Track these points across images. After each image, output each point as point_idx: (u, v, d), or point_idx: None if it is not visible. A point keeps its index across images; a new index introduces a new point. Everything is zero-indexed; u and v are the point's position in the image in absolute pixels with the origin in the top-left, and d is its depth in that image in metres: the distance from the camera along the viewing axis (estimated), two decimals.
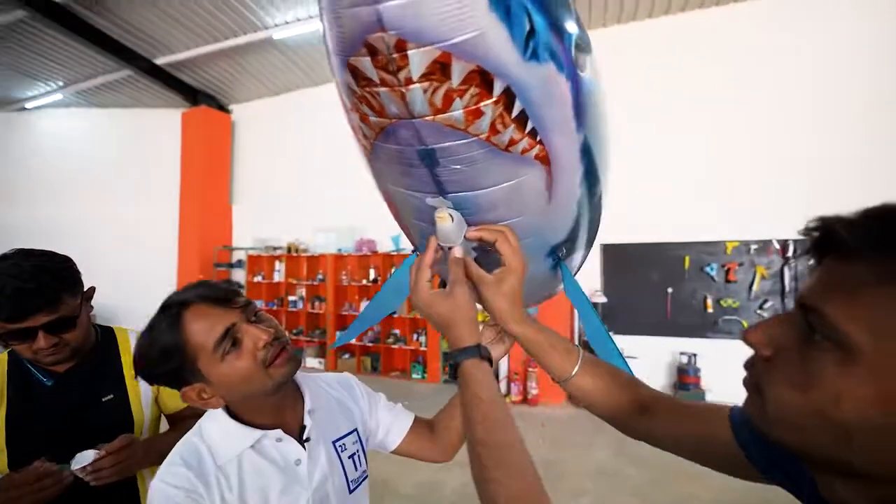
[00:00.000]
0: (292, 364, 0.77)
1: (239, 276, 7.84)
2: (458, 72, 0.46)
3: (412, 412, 1.04)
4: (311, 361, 6.83)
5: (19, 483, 0.84)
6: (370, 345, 6.66)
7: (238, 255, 7.95)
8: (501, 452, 0.53)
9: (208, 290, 0.76)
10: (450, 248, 0.69)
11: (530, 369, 4.99)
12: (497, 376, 5.43)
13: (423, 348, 6.22)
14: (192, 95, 7.65)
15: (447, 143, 0.54)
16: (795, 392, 0.35)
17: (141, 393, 1.09)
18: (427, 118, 0.50)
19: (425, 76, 0.46)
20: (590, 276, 5.56)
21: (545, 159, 0.61)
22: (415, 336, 6.43)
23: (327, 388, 0.93)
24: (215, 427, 0.76)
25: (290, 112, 7.66)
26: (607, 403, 0.72)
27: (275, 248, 7.51)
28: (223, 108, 8.17)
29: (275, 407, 0.79)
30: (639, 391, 0.72)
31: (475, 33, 0.44)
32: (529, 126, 0.56)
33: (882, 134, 4.58)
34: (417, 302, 0.67)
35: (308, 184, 7.46)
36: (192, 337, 0.71)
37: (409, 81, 0.47)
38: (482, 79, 0.48)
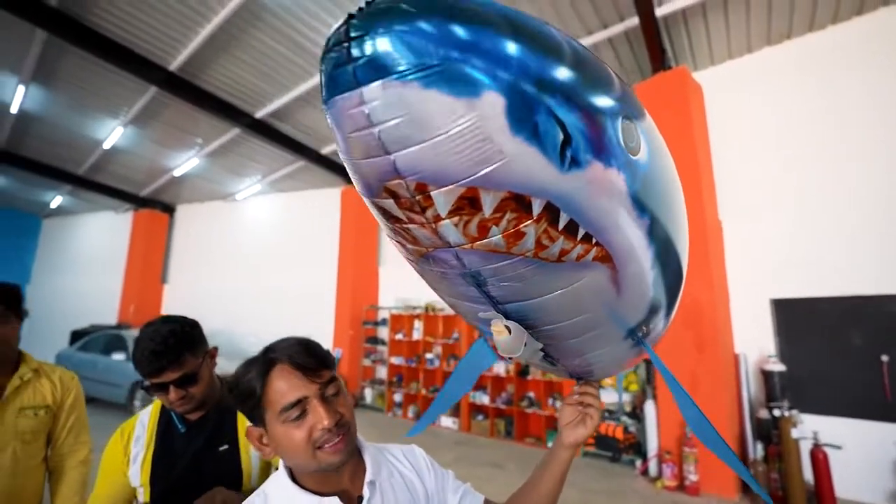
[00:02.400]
0: (344, 455, 0.77)
1: (383, 333, 8.48)
2: (488, 203, 0.44)
3: (480, 494, 0.95)
4: (445, 421, 6.87)
5: None
6: (504, 407, 6.44)
7: (383, 314, 8.66)
8: None
9: (302, 353, 0.78)
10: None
11: (686, 449, 4.20)
12: (644, 455, 4.71)
13: (558, 414, 5.76)
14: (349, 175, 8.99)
15: (491, 266, 0.51)
16: None
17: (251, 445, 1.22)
18: (465, 246, 0.48)
19: (454, 212, 0.44)
20: (759, 337, 4.63)
21: (606, 258, 0.56)
22: (550, 400, 6.02)
23: (392, 460, 0.91)
24: (277, 488, 0.79)
25: None
26: None
27: (414, 308, 8.00)
28: None
29: (332, 475, 0.79)
30: None
31: (500, 163, 0.41)
32: (581, 233, 0.51)
33: None
34: None
35: None
36: (269, 392, 0.76)
37: (437, 219, 0.45)
38: (517, 203, 0.45)
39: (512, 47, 0.41)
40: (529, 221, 0.46)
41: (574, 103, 0.45)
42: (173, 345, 1.09)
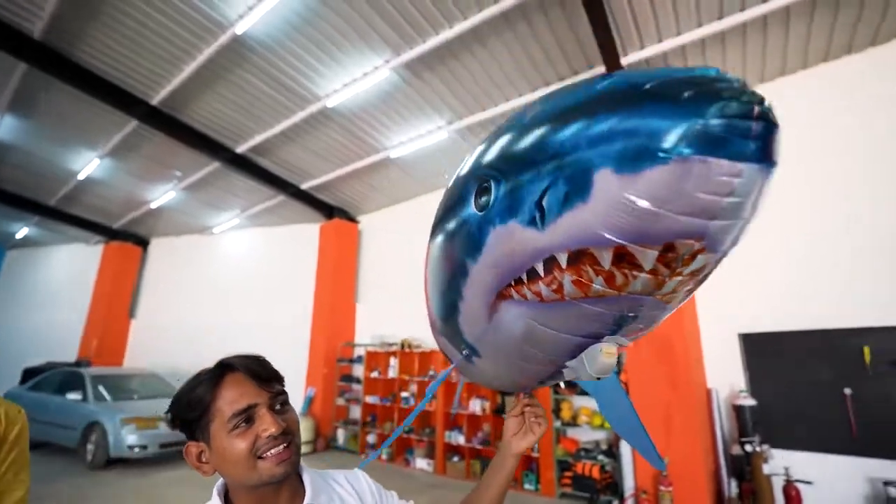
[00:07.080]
0: (288, 467, 0.76)
1: (358, 371, 8.26)
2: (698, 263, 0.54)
3: None
4: (420, 462, 6.62)
5: None
6: (480, 447, 6.26)
7: (359, 352, 8.47)
8: None
9: (256, 364, 0.82)
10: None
11: (662, 488, 4.13)
12: (621, 495, 4.60)
13: (535, 454, 5.64)
14: (328, 211, 9.02)
15: (652, 313, 0.61)
16: None
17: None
18: (656, 297, 0.57)
19: (694, 273, 0.53)
20: (729, 372, 4.70)
21: None
22: None
23: (334, 486, 0.91)
24: None
25: (407, 218, 8.54)
26: None
27: (390, 344, 7.84)
28: (352, 219, 9.44)
29: (270, 497, 0.78)
30: None
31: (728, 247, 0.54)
32: None
33: None
34: None
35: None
36: (218, 399, 0.76)
37: (675, 274, 0.53)
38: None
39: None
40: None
41: None
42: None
